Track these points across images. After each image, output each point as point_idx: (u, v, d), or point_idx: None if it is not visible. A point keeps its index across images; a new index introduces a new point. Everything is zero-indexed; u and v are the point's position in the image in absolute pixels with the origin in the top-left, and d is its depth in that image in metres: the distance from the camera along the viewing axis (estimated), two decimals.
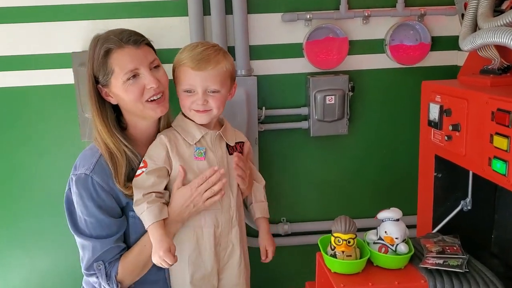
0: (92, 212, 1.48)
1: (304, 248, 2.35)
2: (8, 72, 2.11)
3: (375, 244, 1.44)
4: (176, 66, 1.52)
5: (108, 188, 1.48)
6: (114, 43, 1.44)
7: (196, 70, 1.47)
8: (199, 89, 1.49)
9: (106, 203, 1.48)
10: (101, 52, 1.44)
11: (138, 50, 1.46)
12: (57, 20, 2.08)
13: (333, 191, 2.37)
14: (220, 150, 1.57)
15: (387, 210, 1.46)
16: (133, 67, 1.44)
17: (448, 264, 1.39)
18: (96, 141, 1.53)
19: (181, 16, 2.12)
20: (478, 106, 1.39)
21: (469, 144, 1.45)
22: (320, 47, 2.19)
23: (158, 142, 1.54)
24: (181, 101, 1.54)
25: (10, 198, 2.26)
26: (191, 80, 1.48)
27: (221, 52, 1.54)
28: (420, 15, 2.18)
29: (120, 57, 1.44)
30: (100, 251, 1.49)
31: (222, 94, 1.52)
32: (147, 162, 1.50)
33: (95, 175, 1.47)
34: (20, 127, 2.19)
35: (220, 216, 1.56)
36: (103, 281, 1.51)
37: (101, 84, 1.49)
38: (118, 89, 1.47)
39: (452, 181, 1.70)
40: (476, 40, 1.51)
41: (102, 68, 1.46)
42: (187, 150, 1.54)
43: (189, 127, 1.56)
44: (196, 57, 1.48)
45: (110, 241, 1.49)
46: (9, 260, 2.32)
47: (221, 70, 1.50)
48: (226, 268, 1.61)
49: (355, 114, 2.28)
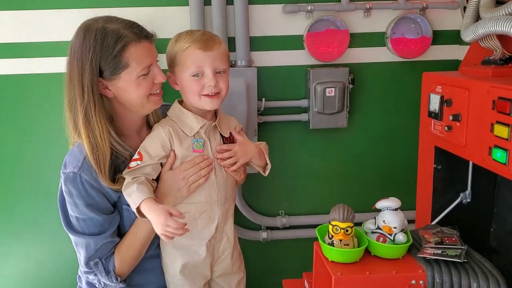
0: (82, 211, 1.46)
1: (302, 241, 2.34)
2: (6, 60, 2.10)
3: (373, 233, 1.43)
4: (179, 52, 1.48)
5: (98, 185, 1.46)
6: (131, 37, 1.41)
7: (206, 50, 1.45)
8: (209, 70, 1.46)
9: (96, 200, 1.46)
10: (118, 46, 1.39)
11: (151, 45, 1.47)
12: (56, 7, 2.07)
13: (332, 184, 2.36)
14: (214, 141, 1.55)
15: (386, 199, 1.45)
16: (149, 62, 1.45)
17: (447, 254, 1.38)
18: (79, 136, 1.48)
19: (182, 5, 2.11)
20: (479, 96, 1.38)
21: (470, 134, 1.44)
22: (320, 39, 2.17)
23: (156, 136, 1.50)
24: (189, 88, 1.49)
25: (5, 188, 2.25)
26: (200, 62, 1.46)
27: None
28: (422, 8, 2.17)
29: (137, 51, 1.42)
30: (94, 248, 1.48)
31: (227, 74, 1.52)
32: (143, 156, 1.47)
33: (83, 173, 1.44)
34: (18, 116, 2.18)
35: (216, 209, 1.55)
36: (103, 277, 1.50)
37: (105, 77, 1.43)
38: (128, 83, 1.43)
39: (451, 173, 1.69)
40: (478, 30, 1.50)
41: (113, 62, 1.41)
42: (185, 142, 1.52)
43: (187, 118, 1.53)
44: (202, 38, 1.47)
45: (103, 237, 1.48)
46: (5, 250, 2.31)
47: (224, 49, 1.51)
48: (221, 260, 1.61)
49: (355, 107, 2.27)
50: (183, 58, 1.47)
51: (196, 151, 1.51)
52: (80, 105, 1.44)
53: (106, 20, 1.44)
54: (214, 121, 1.56)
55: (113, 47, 1.39)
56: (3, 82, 2.12)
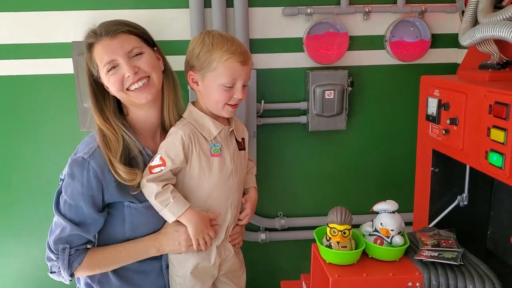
0: (75, 196, 1.46)
1: (300, 243, 2.36)
2: (8, 61, 2.12)
3: (371, 236, 1.44)
4: (217, 60, 1.45)
5: (102, 176, 1.46)
6: (92, 37, 1.47)
7: (244, 64, 1.47)
8: (240, 84, 1.48)
9: (93, 192, 1.46)
10: (85, 48, 1.49)
11: (113, 41, 1.45)
12: (57, 9, 2.08)
13: (330, 186, 2.37)
14: (232, 146, 1.57)
15: (383, 202, 1.45)
16: (109, 59, 1.45)
17: (443, 257, 1.39)
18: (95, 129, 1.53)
19: (182, 8, 2.12)
20: (476, 100, 1.39)
21: (467, 138, 1.45)
22: (320, 42, 2.19)
23: (177, 140, 1.49)
24: (216, 96, 1.49)
25: (5, 187, 2.26)
26: (237, 75, 1.46)
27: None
28: (421, 12, 2.19)
29: (98, 50, 1.46)
30: (68, 233, 1.47)
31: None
32: (166, 161, 1.47)
33: (93, 160, 1.46)
34: (19, 116, 2.19)
35: (229, 212, 1.58)
36: (62, 266, 1.49)
37: (98, 77, 1.51)
38: (104, 80, 1.49)
39: (449, 176, 1.70)
40: (476, 35, 1.51)
41: (91, 63, 1.49)
42: (204, 145, 1.52)
43: (205, 121, 1.53)
44: (241, 50, 1.47)
45: (79, 229, 1.47)
46: (4, 249, 2.33)
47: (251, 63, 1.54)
48: (227, 260, 1.63)
49: (354, 109, 2.28)
50: (221, 68, 1.45)
51: (214, 156, 1.52)
52: (89, 101, 1.54)
53: (98, 24, 1.50)
54: (227, 125, 1.58)
55: (86, 50, 1.49)
56: (9, 82, 2.14)
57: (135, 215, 1.53)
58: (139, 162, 1.51)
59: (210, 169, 1.52)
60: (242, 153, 1.62)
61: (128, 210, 1.52)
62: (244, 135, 1.66)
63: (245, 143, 1.65)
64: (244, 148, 1.64)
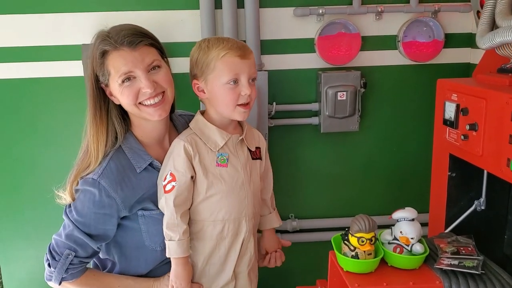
0: (86, 213, 1.45)
1: (313, 245, 2.35)
2: (18, 63, 2.10)
3: (390, 244, 1.42)
4: (214, 59, 1.41)
5: (114, 194, 1.43)
6: (109, 44, 1.39)
7: (244, 58, 1.41)
8: (245, 78, 1.42)
9: (105, 210, 1.44)
10: (97, 53, 1.40)
11: (134, 52, 1.39)
12: (67, 11, 2.06)
13: (342, 188, 2.36)
14: (243, 155, 1.52)
15: (402, 209, 1.44)
16: (127, 70, 1.39)
17: (464, 265, 1.37)
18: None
19: (192, 9, 2.10)
20: (497, 106, 1.37)
21: (487, 144, 1.43)
22: (332, 43, 2.16)
23: (181, 151, 1.45)
24: (223, 97, 1.44)
25: (15, 190, 2.25)
26: (239, 69, 1.41)
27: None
28: (434, 12, 2.16)
29: (115, 59, 1.39)
30: (75, 241, 1.46)
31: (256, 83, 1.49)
32: (175, 175, 1.43)
33: (103, 180, 1.43)
34: (28, 119, 2.18)
35: (244, 226, 1.53)
36: (57, 269, 1.46)
37: (103, 83, 1.45)
38: (115, 91, 1.43)
39: (466, 180, 1.69)
40: (496, 39, 1.48)
41: (101, 70, 1.42)
42: (208, 157, 1.47)
43: (210, 132, 1.48)
44: (238, 45, 1.43)
45: (87, 237, 1.45)
46: (15, 253, 2.32)
47: (254, 58, 1.49)
48: (241, 276, 1.58)
49: (366, 110, 2.26)
50: (220, 65, 1.41)
51: (220, 166, 1.48)
52: (88, 110, 1.48)
53: (111, 28, 1.43)
54: (238, 133, 1.53)
55: (98, 55, 1.41)
56: (19, 85, 2.13)
57: (150, 223, 1.51)
58: (149, 174, 1.49)
59: (217, 179, 1.48)
60: (257, 162, 1.57)
61: (143, 219, 1.51)
62: (260, 145, 1.61)
63: (261, 153, 1.59)
64: (260, 157, 1.59)
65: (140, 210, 1.49)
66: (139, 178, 1.47)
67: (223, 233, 1.50)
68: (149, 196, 1.48)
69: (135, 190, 1.46)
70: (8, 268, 2.34)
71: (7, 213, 2.27)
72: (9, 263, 2.33)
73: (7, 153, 2.21)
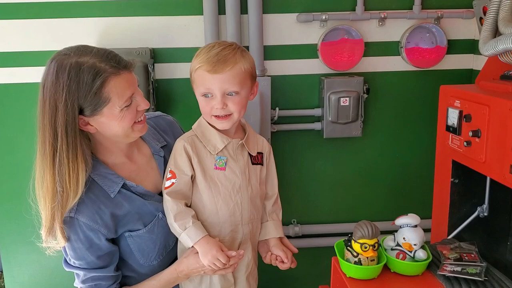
0: (81, 255, 1.41)
1: (315, 251, 2.34)
2: (22, 68, 2.11)
3: (393, 250, 1.43)
4: (193, 70, 1.44)
5: (96, 226, 1.38)
6: (110, 70, 1.29)
7: (213, 73, 1.39)
8: (218, 92, 1.40)
9: (94, 242, 1.40)
10: (97, 83, 1.27)
11: (131, 74, 1.36)
12: (70, 16, 2.07)
13: (345, 194, 2.36)
14: (242, 159, 1.51)
15: (405, 216, 1.44)
16: (130, 93, 1.35)
17: (467, 272, 1.37)
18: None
19: (196, 15, 2.11)
20: (500, 113, 1.37)
21: (490, 151, 1.43)
22: (335, 48, 2.17)
23: (182, 150, 1.46)
24: (201, 107, 1.46)
25: (18, 193, 2.25)
26: (209, 84, 1.40)
27: (239, 51, 1.43)
28: (437, 18, 2.16)
29: (117, 85, 1.31)
30: (93, 280, 1.44)
31: (242, 96, 1.44)
32: (175, 173, 1.44)
33: (80, 215, 1.37)
34: (32, 123, 2.16)
35: (240, 230, 1.52)
36: None
37: (85, 115, 1.32)
38: (111, 118, 1.34)
39: (468, 187, 1.68)
40: (498, 45, 1.49)
41: (93, 99, 1.29)
42: (207, 159, 1.47)
43: (211, 135, 1.48)
44: (212, 59, 1.39)
45: (97, 270, 1.43)
46: (17, 257, 2.32)
47: (239, 70, 1.40)
48: (240, 277, 1.57)
49: (369, 116, 2.26)
50: (195, 76, 1.44)
51: (218, 169, 1.48)
52: (50, 148, 1.33)
53: (79, 54, 1.30)
54: (240, 137, 1.52)
55: (91, 84, 1.27)
56: (24, 90, 2.13)
57: (139, 242, 1.48)
58: (125, 196, 1.44)
59: (215, 182, 1.47)
60: (257, 167, 1.56)
61: (131, 240, 1.47)
62: (263, 150, 1.60)
63: (262, 158, 1.58)
64: (261, 163, 1.58)
65: (127, 232, 1.46)
66: (115, 203, 1.42)
67: (219, 236, 1.49)
68: (131, 218, 1.45)
69: (114, 216, 1.42)
70: (10, 273, 2.34)
71: (9, 217, 2.28)
72: (11, 267, 2.34)
73: (11, 157, 2.22)
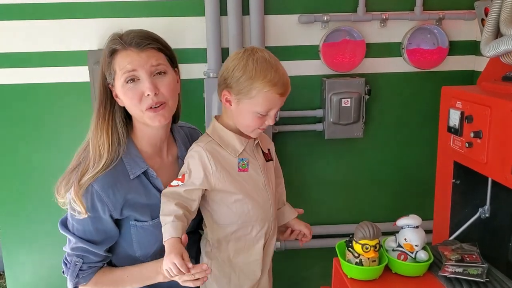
0: (82, 220, 1.43)
1: (316, 251, 2.34)
2: (24, 69, 2.11)
3: (394, 251, 1.42)
4: (257, 91, 1.39)
5: (106, 198, 1.42)
6: (118, 43, 1.39)
7: (283, 96, 1.43)
8: (274, 112, 1.44)
9: (99, 212, 1.43)
10: (107, 52, 1.41)
11: (141, 53, 1.39)
12: (73, 17, 2.08)
13: (347, 195, 2.36)
14: (260, 158, 1.54)
15: (407, 216, 1.44)
16: (131, 68, 1.37)
17: (468, 273, 1.37)
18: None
19: (198, 16, 2.11)
20: (502, 114, 1.37)
21: (491, 152, 1.43)
22: (336, 50, 2.17)
23: (198, 158, 1.45)
24: (248, 121, 1.45)
25: (20, 194, 2.26)
26: (273, 105, 1.42)
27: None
28: (438, 19, 2.17)
29: (121, 58, 1.39)
30: (80, 247, 1.45)
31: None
32: (185, 178, 1.44)
33: (96, 184, 1.41)
34: (34, 124, 2.19)
35: (269, 226, 1.54)
36: (70, 277, 1.48)
37: (110, 84, 1.44)
38: (118, 91, 1.42)
39: (470, 188, 1.68)
40: (500, 47, 1.49)
41: (108, 68, 1.42)
42: (229, 163, 1.47)
43: (230, 138, 1.49)
44: (282, 81, 1.41)
45: (90, 244, 1.45)
46: (19, 257, 2.33)
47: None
48: (264, 272, 1.58)
49: (371, 117, 2.27)
50: (260, 98, 1.40)
51: (242, 170, 1.48)
52: (95, 109, 1.47)
53: (126, 31, 1.43)
54: (253, 137, 1.53)
55: (107, 54, 1.41)
56: (26, 91, 2.15)
57: (142, 234, 1.49)
58: (142, 183, 1.47)
59: (242, 184, 1.48)
60: (270, 164, 1.59)
61: (135, 230, 1.49)
62: (270, 146, 1.64)
63: (271, 154, 1.62)
64: (271, 158, 1.62)
65: (132, 221, 1.48)
66: (131, 186, 1.45)
67: (251, 234, 1.51)
68: (141, 208, 1.46)
69: (126, 198, 1.44)
70: (12, 272, 2.35)
71: (11, 217, 2.28)
72: (13, 267, 2.34)
73: (13, 158, 2.22)
